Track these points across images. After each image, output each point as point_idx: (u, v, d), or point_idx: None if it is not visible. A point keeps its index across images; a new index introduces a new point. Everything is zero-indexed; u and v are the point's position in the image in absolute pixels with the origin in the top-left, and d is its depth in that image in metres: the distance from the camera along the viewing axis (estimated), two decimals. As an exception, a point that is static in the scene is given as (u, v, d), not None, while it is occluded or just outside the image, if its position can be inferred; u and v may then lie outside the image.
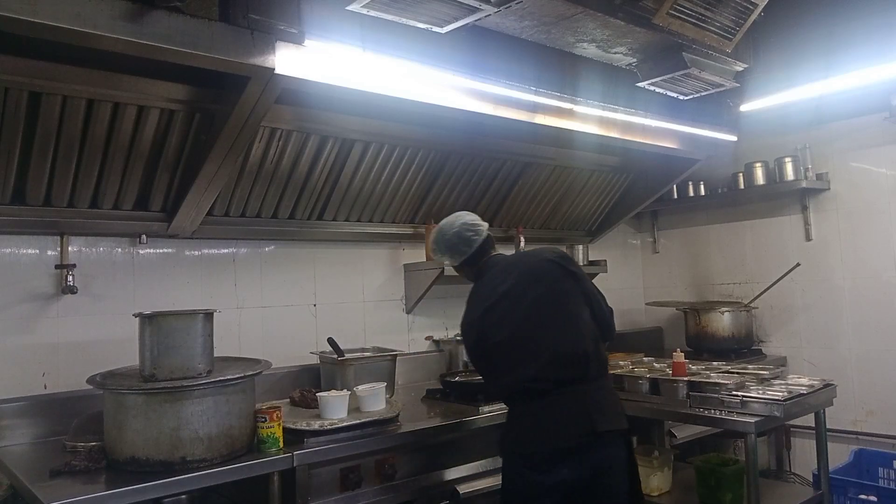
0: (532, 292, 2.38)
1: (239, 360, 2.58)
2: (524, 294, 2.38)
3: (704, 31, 3.02)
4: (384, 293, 3.82)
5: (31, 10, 1.81)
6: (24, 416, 2.62)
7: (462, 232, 2.53)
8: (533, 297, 2.37)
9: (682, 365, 2.98)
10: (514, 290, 2.39)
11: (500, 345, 2.36)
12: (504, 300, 2.38)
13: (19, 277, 2.72)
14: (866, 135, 4.09)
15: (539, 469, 2.23)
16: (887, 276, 4.03)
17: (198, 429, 2.15)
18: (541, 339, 2.32)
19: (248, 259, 3.33)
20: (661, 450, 3.13)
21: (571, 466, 2.23)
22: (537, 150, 3.92)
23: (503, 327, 2.35)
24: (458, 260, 2.57)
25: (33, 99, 2.32)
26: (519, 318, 2.35)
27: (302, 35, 2.35)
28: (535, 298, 2.37)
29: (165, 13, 2.03)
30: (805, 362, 4.36)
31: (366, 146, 3.27)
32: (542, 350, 2.30)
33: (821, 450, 3.01)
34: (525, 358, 2.32)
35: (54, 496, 1.90)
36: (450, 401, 3.11)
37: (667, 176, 4.56)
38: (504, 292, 2.39)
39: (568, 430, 2.24)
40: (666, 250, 5.23)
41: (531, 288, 2.39)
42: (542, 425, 2.27)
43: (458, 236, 2.53)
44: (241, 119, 2.47)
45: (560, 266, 2.45)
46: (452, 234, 2.54)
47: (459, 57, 2.86)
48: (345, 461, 2.44)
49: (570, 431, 2.24)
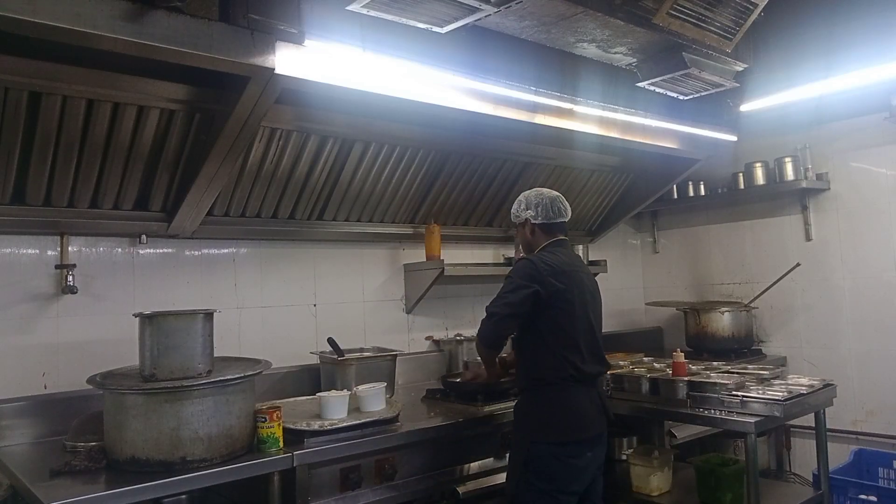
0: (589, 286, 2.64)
1: (239, 360, 2.58)
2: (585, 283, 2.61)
3: (704, 31, 3.02)
4: (384, 293, 3.82)
5: (31, 10, 1.81)
6: (24, 416, 2.62)
7: (555, 201, 2.69)
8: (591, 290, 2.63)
9: (683, 365, 2.98)
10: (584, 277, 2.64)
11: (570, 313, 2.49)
12: (580, 278, 2.59)
13: (19, 277, 2.72)
14: (866, 135, 4.09)
15: (573, 454, 2.44)
16: (887, 276, 4.03)
17: (198, 429, 2.15)
18: (590, 331, 2.55)
19: (248, 259, 3.33)
20: (661, 450, 3.13)
21: (595, 451, 2.50)
22: (537, 150, 3.92)
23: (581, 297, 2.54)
24: (540, 219, 2.66)
25: (33, 99, 2.32)
26: (585, 302, 2.57)
27: (302, 35, 2.35)
28: (591, 291, 2.64)
29: (165, 13, 2.03)
30: (805, 362, 4.36)
31: (366, 146, 3.27)
32: (590, 342, 2.54)
33: (821, 450, 3.01)
34: (579, 342, 2.50)
35: (54, 496, 1.89)
36: (450, 401, 3.10)
37: (667, 176, 4.56)
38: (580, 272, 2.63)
39: (598, 420, 2.53)
40: (666, 250, 5.23)
41: (591, 284, 2.66)
42: (583, 413, 2.47)
43: (554, 202, 2.68)
44: (241, 119, 2.47)
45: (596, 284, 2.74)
46: (551, 197, 2.70)
47: (459, 57, 2.86)
48: (345, 461, 2.43)
49: (600, 420, 2.54)
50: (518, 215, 2.70)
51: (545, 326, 2.48)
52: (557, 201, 2.68)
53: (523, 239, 2.73)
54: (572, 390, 2.47)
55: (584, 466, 2.46)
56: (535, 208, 2.65)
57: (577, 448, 2.44)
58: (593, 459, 2.50)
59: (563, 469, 2.41)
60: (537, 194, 2.71)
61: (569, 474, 2.42)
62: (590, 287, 2.64)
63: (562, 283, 2.48)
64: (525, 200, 2.70)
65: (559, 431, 2.44)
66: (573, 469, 2.43)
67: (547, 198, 2.68)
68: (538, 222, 2.65)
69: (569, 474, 2.42)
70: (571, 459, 2.42)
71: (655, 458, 3.00)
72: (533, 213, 2.66)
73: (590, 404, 2.50)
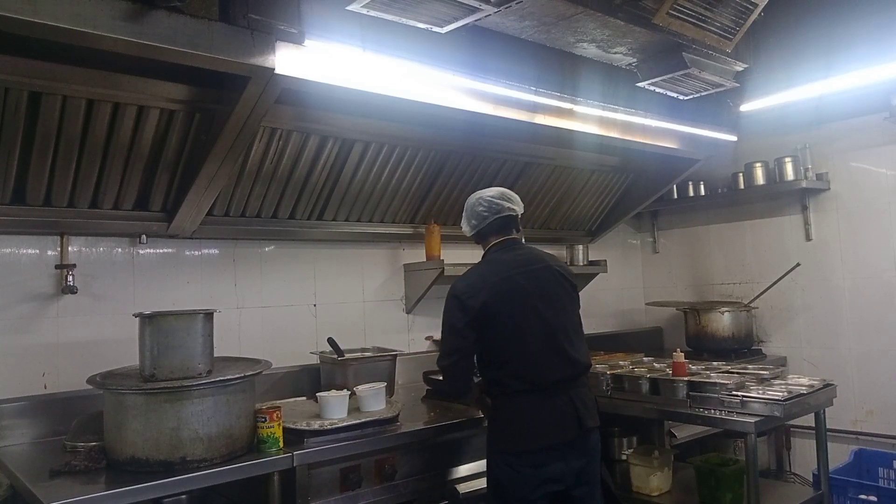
0: (542, 287, 2.44)
1: (239, 360, 2.58)
2: (535, 286, 2.43)
3: (704, 31, 3.02)
4: (384, 293, 3.82)
5: (31, 10, 1.81)
6: (24, 416, 2.62)
7: (475, 205, 2.56)
8: (548, 291, 2.44)
9: (683, 365, 2.98)
10: (527, 279, 2.43)
11: (503, 326, 2.36)
12: (516, 284, 2.41)
13: (19, 277, 2.72)
14: (866, 135, 4.09)
15: (533, 464, 2.31)
16: (887, 276, 4.03)
17: (198, 429, 2.15)
18: (547, 335, 2.39)
19: (248, 259, 3.33)
20: (661, 450, 3.13)
21: (565, 459, 2.35)
22: (537, 150, 3.92)
23: (513, 308, 2.37)
24: (468, 231, 2.58)
25: (33, 99, 2.32)
26: (529, 307, 2.39)
27: (302, 35, 2.35)
28: (549, 292, 2.44)
29: (165, 13, 2.03)
30: (805, 362, 4.36)
31: (366, 146, 3.27)
32: (546, 348, 2.38)
33: (821, 450, 3.01)
34: (526, 352, 2.36)
35: (54, 496, 1.89)
36: (450, 401, 3.10)
37: (667, 176, 4.56)
38: (517, 276, 2.43)
39: (562, 427, 2.35)
40: (666, 250, 5.23)
41: (542, 283, 2.45)
42: (537, 422, 2.34)
43: (480, 202, 2.55)
44: (241, 119, 2.47)
45: (565, 277, 2.56)
46: (477, 199, 2.57)
47: (459, 57, 2.86)
48: (345, 461, 2.43)
49: (565, 428, 2.35)
50: (465, 232, 2.61)
51: (484, 343, 2.40)
52: (484, 201, 2.53)
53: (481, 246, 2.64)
54: (523, 400, 2.34)
55: (552, 476, 2.32)
56: (469, 221, 2.57)
57: (534, 457, 2.31)
58: (566, 469, 2.34)
59: (518, 478, 2.31)
60: (468, 204, 2.58)
61: (524, 484, 2.30)
62: (541, 286, 2.43)
63: (482, 299, 2.34)
64: (464, 215, 2.60)
65: (508, 441, 2.35)
66: (529, 479, 2.30)
67: (474, 199, 2.56)
68: (474, 234, 2.57)
69: (524, 484, 2.30)
70: (528, 469, 2.30)
71: (655, 458, 3.01)
72: (467, 227, 2.58)
73: (549, 412, 2.34)
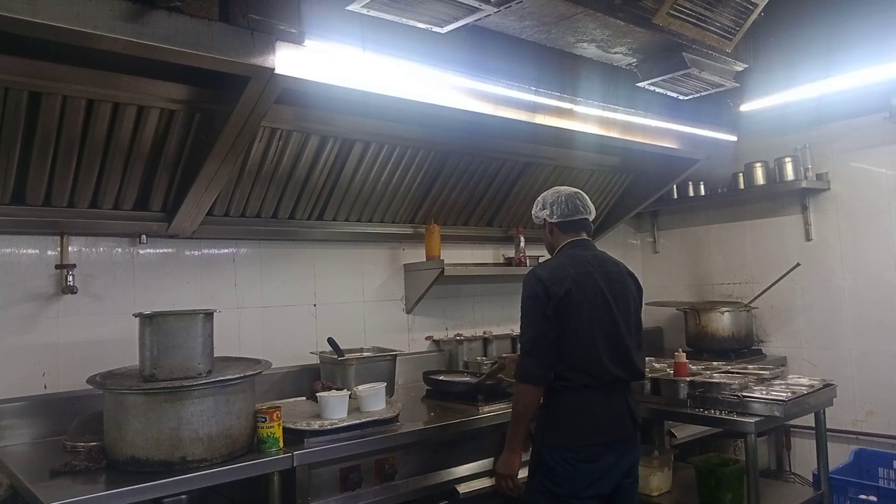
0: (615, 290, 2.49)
1: (239, 360, 2.58)
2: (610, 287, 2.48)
3: (704, 31, 3.02)
4: (384, 293, 3.82)
5: (31, 10, 1.81)
6: (24, 416, 2.62)
7: (574, 198, 2.59)
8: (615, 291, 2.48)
9: (685, 365, 2.99)
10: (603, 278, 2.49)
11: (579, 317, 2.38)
12: (594, 280, 2.46)
13: (19, 277, 2.72)
14: (866, 135, 4.09)
15: (590, 459, 2.36)
16: (887, 276, 4.03)
17: (198, 429, 2.15)
18: (615, 335, 2.43)
19: (248, 259, 3.33)
20: (661, 450, 3.14)
21: (618, 456, 2.40)
22: (537, 150, 3.92)
23: (590, 301, 2.42)
24: (556, 218, 2.58)
25: (33, 99, 2.32)
26: (603, 304, 2.44)
27: (302, 35, 2.35)
28: (616, 292, 2.49)
29: (165, 13, 2.03)
30: (805, 362, 4.36)
31: (366, 146, 3.27)
32: (612, 346, 2.42)
33: (821, 450, 3.01)
34: (593, 346, 2.39)
35: (54, 496, 1.89)
36: (450, 401, 3.10)
37: (667, 176, 4.56)
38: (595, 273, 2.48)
39: (620, 425, 2.42)
40: (666, 250, 5.23)
41: (616, 286, 2.50)
42: (598, 417, 2.38)
43: (571, 199, 2.59)
44: (241, 119, 2.47)
45: (637, 286, 2.63)
46: (568, 193, 2.61)
47: (459, 57, 2.86)
48: (345, 461, 2.43)
49: (622, 425, 2.43)
50: (537, 216, 2.64)
51: (557, 332, 2.38)
52: (574, 198, 2.59)
53: (545, 240, 2.67)
54: (584, 395, 2.38)
55: (603, 471, 2.37)
56: (551, 207, 2.58)
57: (591, 452, 2.35)
58: (616, 465, 2.39)
59: (574, 473, 2.34)
60: (554, 192, 2.63)
61: (580, 479, 2.34)
62: (613, 288, 2.48)
63: (566, 287, 2.38)
64: (542, 200, 2.63)
65: (568, 436, 2.37)
66: (586, 473, 2.35)
67: (563, 195, 2.59)
68: (555, 221, 2.57)
69: (580, 479, 2.34)
70: (584, 464, 2.34)
71: (655, 458, 3.01)
72: (549, 211, 2.58)
73: (608, 409, 2.40)
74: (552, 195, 2.62)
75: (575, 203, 2.58)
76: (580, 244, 2.57)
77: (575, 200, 2.58)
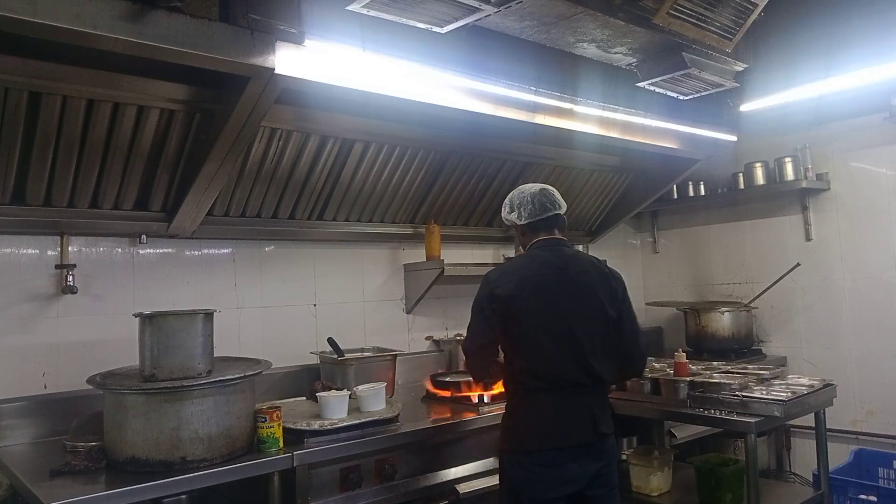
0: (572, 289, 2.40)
1: (239, 360, 2.58)
2: (569, 290, 2.40)
3: (704, 31, 3.02)
4: (384, 293, 3.82)
5: (31, 10, 1.81)
6: (24, 416, 2.62)
7: (540, 195, 2.51)
8: (572, 294, 2.40)
9: (685, 365, 2.99)
10: (561, 281, 2.40)
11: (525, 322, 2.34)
12: (546, 283, 2.38)
13: (19, 277, 2.72)
14: (866, 135, 4.09)
15: (546, 464, 2.29)
16: (887, 276, 4.03)
17: (198, 429, 2.15)
18: (570, 341, 2.35)
19: (248, 259, 3.33)
20: (661, 450, 3.13)
21: (579, 462, 2.32)
22: (537, 150, 3.92)
23: (539, 305, 2.35)
24: (524, 220, 2.50)
25: (33, 99, 2.32)
26: (554, 308, 2.36)
27: (302, 35, 2.35)
28: (574, 295, 2.40)
29: (165, 13, 2.03)
30: (805, 362, 4.36)
31: (366, 146, 3.27)
32: (566, 353, 2.34)
33: (821, 450, 3.01)
34: (544, 350, 2.33)
35: (54, 496, 1.90)
36: (450, 401, 3.10)
37: (667, 176, 4.56)
38: (550, 276, 2.40)
39: (577, 430, 2.33)
40: (666, 250, 5.23)
41: (577, 288, 2.41)
42: (552, 422, 2.31)
43: (536, 197, 2.50)
44: (241, 119, 2.47)
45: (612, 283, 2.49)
46: (533, 192, 2.52)
47: (459, 57, 2.86)
48: (345, 461, 2.44)
49: (580, 430, 2.33)
50: (506, 219, 2.58)
51: (506, 336, 2.38)
52: (541, 196, 2.50)
53: (519, 241, 2.63)
54: (539, 398, 2.32)
55: (563, 477, 2.29)
56: (518, 209, 2.51)
57: (546, 457, 2.28)
58: (580, 471, 2.31)
59: (531, 478, 2.28)
60: (519, 193, 2.54)
61: (538, 484, 2.27)
62: (570, 290, 2.39)
63: (511, 289, 2.34)
64: (509, 202, 2.56)
65: (523, 440, 2.33)
66: (544, 479, 2.27)
67: (528, 195, 2.50)
68: (522, 223, 2.50)
69: (538, 484, 2.27)
70: (541, 468, 2.28)
71: (655, 458, 3.01)
72: (516, 214, 2.51)
73: (566, 413, 2.31)
74: (518, 196, 2.54)
75: (542, 201, 2.49)
76: (546, 244, 2.49)
77: (542, 198, 2.49)
